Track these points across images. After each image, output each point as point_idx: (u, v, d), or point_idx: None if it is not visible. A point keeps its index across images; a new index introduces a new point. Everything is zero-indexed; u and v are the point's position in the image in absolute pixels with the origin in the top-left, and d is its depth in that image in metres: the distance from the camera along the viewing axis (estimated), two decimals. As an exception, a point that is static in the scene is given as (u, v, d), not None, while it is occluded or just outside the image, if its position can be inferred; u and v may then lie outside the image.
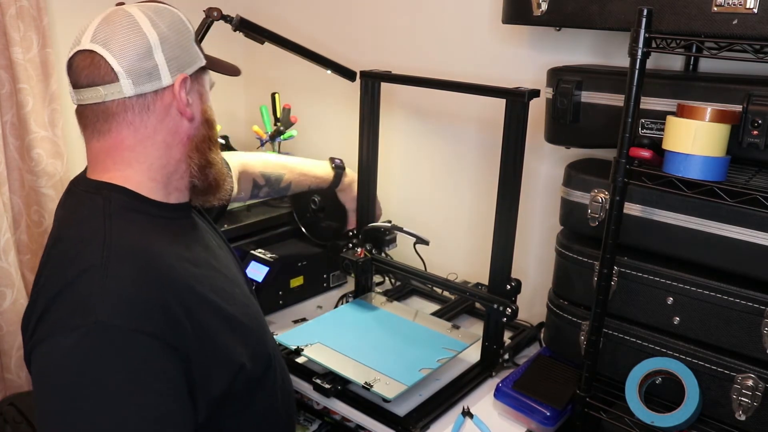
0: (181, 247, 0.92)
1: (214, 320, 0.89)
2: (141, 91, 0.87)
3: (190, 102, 0.92)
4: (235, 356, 0.91)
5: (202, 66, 0.95)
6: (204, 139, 0.96)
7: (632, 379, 1.11)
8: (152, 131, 0.90)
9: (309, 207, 1.69)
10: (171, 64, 0.89)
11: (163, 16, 0.91)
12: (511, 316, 1.31)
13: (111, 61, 0.85)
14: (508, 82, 1.29)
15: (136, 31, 0.87)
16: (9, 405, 1.53)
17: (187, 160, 0.94)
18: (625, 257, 1.13)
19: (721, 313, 1.05)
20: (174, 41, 0.90)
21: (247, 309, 1.00)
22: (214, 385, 0.87)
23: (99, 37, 0.86)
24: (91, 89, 0.87)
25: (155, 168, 0.92)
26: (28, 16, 1.56)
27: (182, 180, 0.95)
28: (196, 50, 0.95)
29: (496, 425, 1.21)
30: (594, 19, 1.18)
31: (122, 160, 0.90)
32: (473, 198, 1.72)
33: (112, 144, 0.89)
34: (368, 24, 1.82)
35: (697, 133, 0.96)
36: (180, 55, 0.90)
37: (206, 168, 0.96)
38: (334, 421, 1.41)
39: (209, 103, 0.98)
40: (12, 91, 1.60)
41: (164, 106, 0.90)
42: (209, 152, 0.96)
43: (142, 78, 0.87)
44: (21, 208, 1.69)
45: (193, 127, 0.94)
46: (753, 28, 0.99)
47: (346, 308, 1.55)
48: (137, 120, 0.88)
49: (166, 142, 0.91)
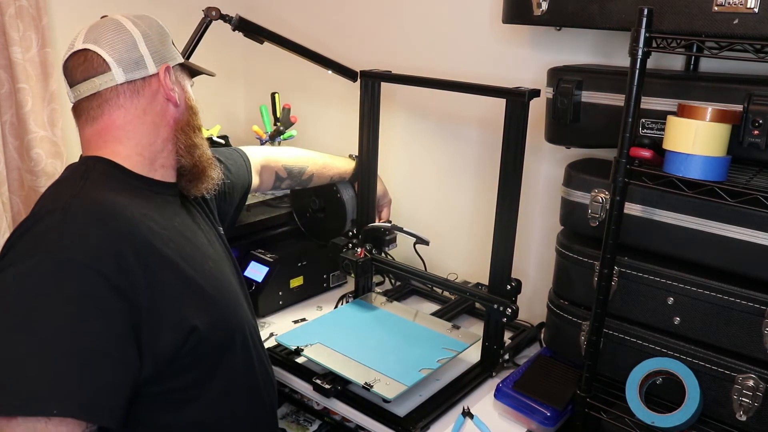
0: (151, 210, 0.98)
1: (170, 278, 0.93)
2: (131, 77, 0.99)
3: (175, 90, 1.04)
4: (187, 317, 0.94)
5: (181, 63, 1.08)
6: (188, 123, 1.06)
7: (633, 380, 1.11)
8: (141, 112, 1.00)
9: (309, 207, 1.69)
10: (154, 56, 1.01)
11: (143, 20, 1.04)
12: (511, 317, 1.31)
13: (103, 54, 0.97)
14: (508, 82, 1.29)
15: (121, 29, 0.99)
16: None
17: (173, 140, 1.04)
18: (626, 257, 1.13)
19: (721, 314, 1.05)
20: (154, 38, 1.02)
21: (216, 282, 1.03)
22: (162, 341, 0.91)
23: (90, 38, 0.98)
24: (87, 82, 0.98)
25: (143, 144, 1.01)
26: (28, 16, 1.56)
27: (168, 159, 1.05)
28: (174, 50, 1.07)
29: (496, 425, 1.21)
30: (594, 19, 1.17)
31: (113, 138, 1.00)
32: (473, 198, 1.72)
33: (103, 125, 1.00)
34: (368, 24, 1.82)
35: (698, 132, 0.95)
36: (160, 49, 1.03)
37: (192, 148, 1.06)
38: (334, 421, 1.41)
39: (190, 94, 1.09)
40: (11, 91, 1.59)
41: (152, 92, 1.01)
42: (193, 135, 1.07)
43: (131, 66, 0.99)
44: (20, 208, 1.69)
45: (178, 111, 1.05)
46: (753, 28, 0.99)
47: (346, 308, 1.55)
48: (128, 103, 0.99)
49: (154, 122, 1.02)
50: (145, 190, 1.00)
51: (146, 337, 0.88)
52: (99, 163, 0.98)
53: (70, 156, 1.74)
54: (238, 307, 1.09)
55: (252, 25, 1.44)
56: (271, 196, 1.83)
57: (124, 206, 0.93)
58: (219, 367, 1.01)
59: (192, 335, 0.94)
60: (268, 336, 1.45)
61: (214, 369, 1.00)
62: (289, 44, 1.46)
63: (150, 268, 0.90)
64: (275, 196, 1.83)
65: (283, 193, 1.81)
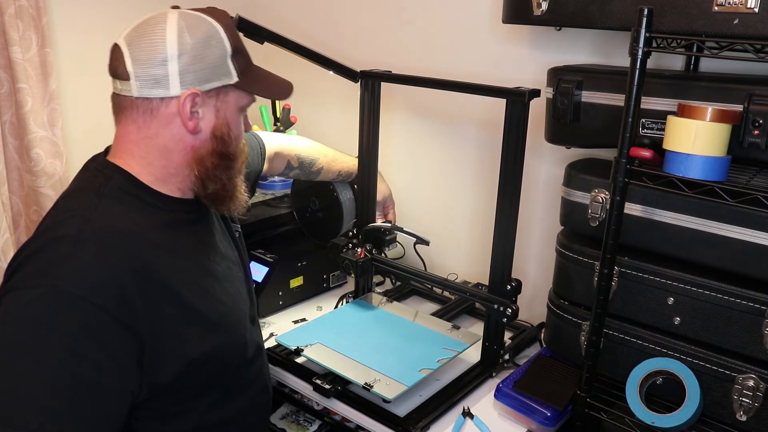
0: (163, 236, 0.95)
1: (172, 311, 0.92)
2: (145, 94, 0.92)
3: (200, 116, 0.95)
4: (188, 350, 0.94)
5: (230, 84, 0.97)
6: (210, 153, 0.97)
7: (633, 380, 1.10)
8: (153, 133, 0.95)
9: (309, 207, 1.69)
10: (184, 77, 0.92)
11: (196, 29, 0.93)
12: (511, 317, 1.31)
13: (127, 61, 0.91)
14: (508, 82, 1.29)
15: (158, 40, 0.91)
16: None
17: (188, 168, 0.97)
18: (626, 257, 1.13)
19: (721, 314, 1.05)
20: (195, 55, 0.92)
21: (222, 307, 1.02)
22: (162, 371, 0.91)
23: (129, 36, 0.93)
24: (114, 80, 0.95)
25: (155, 166, 0.97)
26: (27, 16, 1.56)
27: (184, 183, 0.99)
28: (227, 68, 0.96)
29: (496, 426, 1.21)
30: (594, 19, 1.17)
31: (127, 150, 0.97)
32: (473, 198, 1.72)
33: (121, 134, 0.97)
34: (368, 24, 1.82)
35: (698, 132, 0.95)
36: (199, 70, 0.93)
37: (206, 181, 0.98)
38: (334, 421, 1.41)
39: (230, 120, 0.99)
40: (11, 91, 1.59)
41: (169, 114, 0.94)
42: (214, 168, 0.98)
43: (147, 83, 0.91)
44: (20, 208, 1.69)
45: (197, 139, 0.96)
46: (754, 28, 0.99)
47: (346, 308, 1.55)
48: (140, 120, 0.94)
49: (167, 146, 0.95)
50: (159, 208, 0.97)
51: (147, 368, 0.89)
52: (116, 174, 0.95)
53: (70, 156, 1.73)
54: (242, 328, 1.07)
55: (252, 25, 1.43)
56: (272, 196, 1.83)
57: (135, 237, 0.91)
58: (216, 386, 1.02)
59: (191, 365, 0.94)
60: (268, 336, 1.45)
61: (211, 387, 1.01)
62: (290, 44, 1.46)
63: (153, 300, 0.89)
64: (275, 196, 1.83)
65: (284, 193, 1.81)
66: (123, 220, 0.91)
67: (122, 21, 1.92)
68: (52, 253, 0.86)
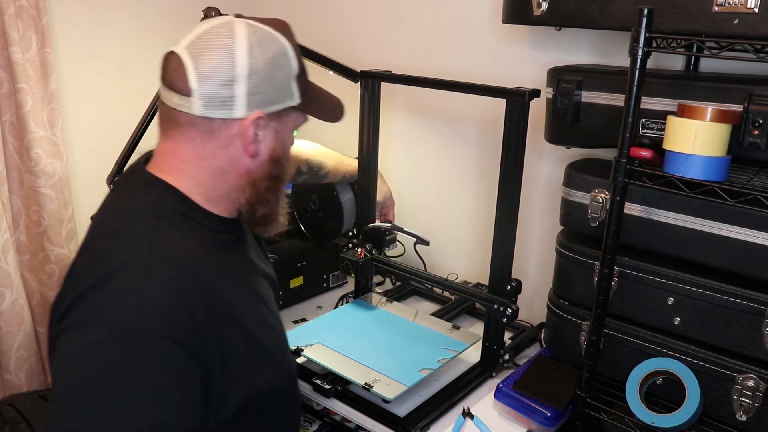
0: (221, 261, 0.91)
1: (238, 341, 0.88)
2: (209, 114, 0.86)
3: (260, 139, 0.90)
4: (253, 381, 0.90)
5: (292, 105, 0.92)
6: (265, 176, 0.93)
7: (633, 380, 1.10)
8: (210, 154, 0.89)
9: (309, 207, 1.69)
10: (251, 98, 0.86)
11: (267, 48, 0.88)
12: (511, 317, 1.31)
13: (191, 77, 0.84)
14: (508, 82, 1.29)
15: (228, 58, 0.84)
16: (8, 405, 1.52)
17: (239, 190, 0.92)
18: (626, 257, 1.13)
19: (721, 314, 1.05)
20: (265, 77, 0.87)
21: (273, 332, 0.99)
22: (227, 404, 0.86)
23: (194, 48, 0.85)
24: (169, 92, 0.87)
25: (206, 186, 0.91)
26: (27, 16, 1.56)
27: (232, 204, 0.94)
28: (291, 89, 0.91)
29: (496, 426, 1.21)
30: (594, 19, 1.17)
31: (177, 168, 0.90)
32: (473, 198, 1.72)
33: (172, 150, 0.90)
34: (368, 24, 1.82)
35: (698, 132, 0.95)
36: (266, 91, 0.88)
37: (256, 205, 0.94)
38: (334, 421, 1.41)
39: (286, 142, 0.96)
40: (11, 91, 1.59)
41: (229, 136, 0.88)
42: (266, 191, 0.94)
43: (214, 103, 0.85)
44: (20, 208, 1.69)
45: (254, 162, 0.91)
46: (754, 28, 0.99)
47: (346, 308, 1.55)
48: (198, 139, 0.88)
49: (221, 168, 0.90)
50: (210, 229, 0.91)
51: (213, 402, 0.84)
52: (167, 193, 0.89)
53: (70, 156, 1.73)
54: (289, 352, 1.05)
55: (252, 25, 1.43)
56: None
57: (201, 263, 0.85)
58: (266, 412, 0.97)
59: (254, 395, 0.91)
60: (268, 336, 1.45)
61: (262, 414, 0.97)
62: (289, 44, 1.46)
63: (221, 332, 0.84)
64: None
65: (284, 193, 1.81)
66: (185, 246, 0.85)
67: (122, 21, 1.92)
68: (120, 284, 0.78)
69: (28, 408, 1.51)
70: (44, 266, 1.74)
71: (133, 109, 1.55)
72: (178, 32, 1.09)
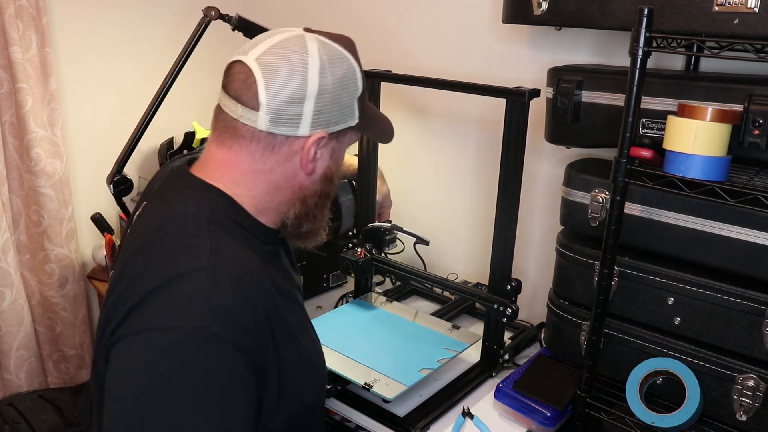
0: (271, 268, 0.90)
1: (293, 355, 0.87)
2: (274, 131, 0.85)
3: (318, 157, 0.90)
4: (302, 396, 0.90)
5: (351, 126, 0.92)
6: (316, 193, 0.93)
7: (633, 380, 1.10)
8: (268, 169, 0.88)
9: (309, 207, 1.69)
10: (317, 117, 0.86)
11: (337, 67, 0.87)
12: (511, 317, 1.31)
13: (260, 91, 0.83)
14: (508, 82, 1.29)
15: (299, 75, 0.84)
16: (8, 405, 1.52)
17: (289, 205, 0.92)
18: (626, 257, 1.13)
19: (722, 313, 1.05)
20: (332, 96, 0.87)
21: (315, 345, 0.98)
22: (277, 418, 0.85)
23: (265, 61, 0.84)
24: (233, 102, 0.85)
25: (258, 198, 0.90)
26: (27, 16, 1.56)
27: (279, 217, 0.94)
28: (353, 109, 0.91)
29: (496, 426, 1.21)
30: (594, 19, 1.17)
31: (231, 178, 0.89)
32: (473, 198, 1.72)
33: (228, 160, 0.88)
34: (368, 24, 1.82)
35: (698, 132, 0.95)
36: (331, 111, 0.87)
37: (303, 219, 0.94)
38: (333, 421, 1.41)
39: (340, 161, 0.96)
40: (11, 91, 1.59)
41: (290, 152, 0.88)
42: (315, 207, 0.94)
43: (281, 120, 0.84)
44: (20, 208, 1.69)
45: (309, 180, 0.91)
46: (754, 28, 0.99)
47: (346, 308, 1.55)
48: (258, 153, 0.87)
49: (277, 183, 0.89)
50: (258, 239, 0.90)
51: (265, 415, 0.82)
52: (221, 200, 0.87)
53: (70, 156, 1.74)
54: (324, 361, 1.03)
55: (252, 25, 1.44)
56: None
57: (258, 271, 0.84)
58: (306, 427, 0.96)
59: (303, 410, 0.90)
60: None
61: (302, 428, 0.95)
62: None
63: (280, 343, 0.83)
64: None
65: None
66: (243, 253, 0.84)
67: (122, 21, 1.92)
68: (186, 288, 0.76)
69: (28, 408, 1.51)
70: (44, 266, 1.74)
71: (132, 109, 1.55)
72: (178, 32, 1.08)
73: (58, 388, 1.76)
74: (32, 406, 1.52)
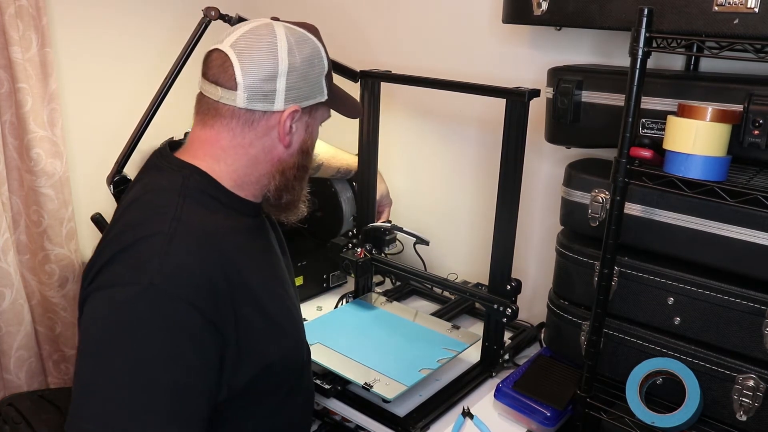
0: (241, 239, 0.97)
1: (254, 314, 0.93)
2: (252, 107, 0.94)
3: (293, 131, 0.99)
4: (265, 354, 0.95)
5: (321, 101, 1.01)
6: (293, 166, 1.02)
7: (633, 380, 1.10)
8: (248, 143, 0.97)
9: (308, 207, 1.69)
10: (289, 93, 0.95)
11: (303, 47, 0.97)
12: (511, 317, 1.31)
13: (237, 72, 0.92)
14: (508, 82, 1.29)
15: (271, 55, 0.93)
16: (8, 405, 1.52)
17: (269, 177, 1.00)
18: (626, 257, 1.13)
19: (721, 314, 1.05)
20: (301, 73, 0.96)
21: (287, 312, 1.03)
22: (240, 374, 0.91)
23: (238, 45, 0.93)
24: (213, 86, 0.94)
25: (238, 173, 0.98)
26: (27, 16, 1.56)
27: (259, 191, 1.02)
28: (321, 86, 1.00)
29: (496, 426, 1.21)
30: (594, 19, 1.17)
31: (212, 154, 0.97)
32: (473, 198, 1.72)
33: (210, 137, 0.97)
34: (368, 24, 1.82)
35: (698, 132, 0.95)
36: (302, 87, 0.97)
37: (283, 191, 1.02)
38: (333, 421, 1.41)
39: (314, 135, 1.05)
40: (11, 91, 1.59)
41: (267, 127, 0.96)
42: (293, 179, 1.03)
43: (257, 97, 0.93)
44: (20, 208, 1.69)
45: (287, 153, 1.00)
46: (754, 28, 0.98)
47: (346, 308, 1.55)
48: (238, 129, 0.95)
49: (257, 157, 0.98)
50: (234, 210, 0.98)
51: (227, 370, 0.88)
52: (195, 176, 0.95)
53: (70, 156, 1.73)
54: (302, 332, 1.10)
55: (252, 25, 1.43)
56: None
57: (222, 235, 0.92)
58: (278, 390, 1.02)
59: (267, 369, 0.95)
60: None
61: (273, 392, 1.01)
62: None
63: (238, 302, 0.89)
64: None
65: None
66: (209, 221, 0.92)
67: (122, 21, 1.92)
68: (145, 250, 0.85)
69: (28, 408, 1.51)
70: (44, 266, 1.74)
71: (133, 109, 1.55)
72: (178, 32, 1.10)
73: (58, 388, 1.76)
74: (32, 406, 1.52)
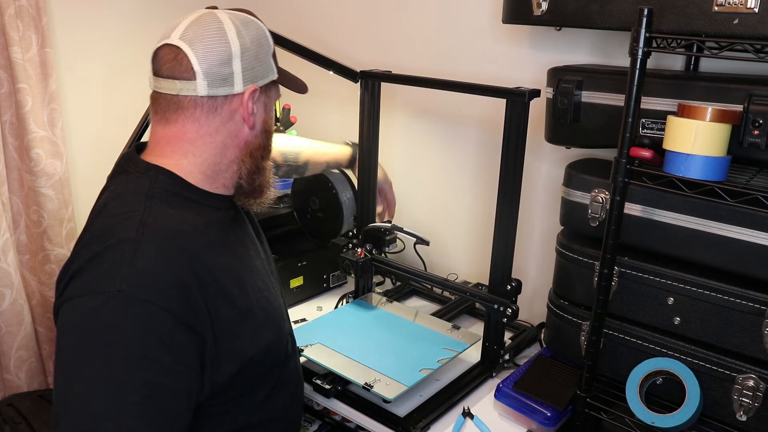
0: (212, 234, 0.97)
1: (228, 311, 0.93)
2: (213, 93, 0.94)
3: (255, 111, 0.99)
4: (245, 348, 0.95)
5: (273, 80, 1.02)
6: (259, 147, 1.02)
7: (633, 380, 1.11)
8: (214, 130, 0.96)
9: (309, 207, 1.69)
10: (246, 74, 0.96)
11: (249, 29, 0.97)
12: (511, 317, 1.31)
13: (193, 61, 0.91)
14: (508, 82, 1.29)
15: (221, 39, 0.93)
16: (8, 405, 1.52)
17: (239, 162, 1.01)
18: (626, 257, 1.13)
19: (721, 314, 1.05)
20: (253, 54, 0.96)
21: (266, 303, 1.03)
22: (222, 371, 0.91)
23: (187, 36, 0.92)
24: (169, 81, 0.93)
25: (207, 163, 0.98)
26: (27, 16, 1.56)
27: (231, 179, 1.02)
28: (271, 64, 1.02)
29: (496, 426, 1.21)
30: (594, 19, 1.17)
31: (180, 150, 0.96)
32: (473, 198, 1.72)
33: (174, 133, 0.96)
34: (368, 24, 1.82)
35: (698, 132, 0.95)
36: (255, 67, 0.97)
37: (254, 174, 1.02)
38: (334, 421, 1.41)
39: (272, 114, 1.06)
40: (11, 91, 1.59)
41: (230, 111, 0.97)
42: (261, 160, 1.03)
43: (217, 82, 0.93)
44: (20, 208, 1.69)
45: (252, 134, 1.00)
46: (754, 28, 0.98)
47: (346, 308, 1.55)
48: (203, 118, 0.95)
49: (224, 142, 0.98)
50: (204, 205, 0.98)
51: (208, 368, 0.89)
52: (160, 176, 0.95)
53: (70, 156, 1.74)
54: (285, 322, 1.10)
55: (252, 25, 1.43)
56: None
57: (191, 237, 0.91)
58: (263, 383, 1.03)
59: (248, 363, 0.96)
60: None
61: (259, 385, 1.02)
62: (290, 44, 1.46)
63: (211, 300, 0.90)
64: (275, 196, 1.82)
65: (284, 193, 1.82)
66: (177, 221, 0.92)
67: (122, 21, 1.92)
68: (113, 258, 0.85)
69: (28, 408, 1.51)
70: (44, 266, 1.74)
71: (133, 109, 1.55)
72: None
73: (58, 389, 1.76)
74: (32, 406, 1.52)
